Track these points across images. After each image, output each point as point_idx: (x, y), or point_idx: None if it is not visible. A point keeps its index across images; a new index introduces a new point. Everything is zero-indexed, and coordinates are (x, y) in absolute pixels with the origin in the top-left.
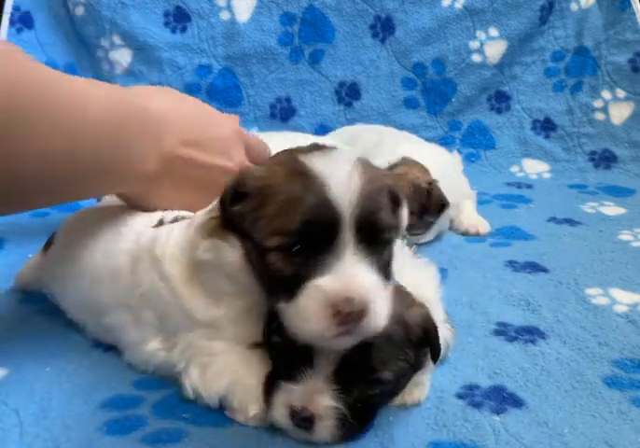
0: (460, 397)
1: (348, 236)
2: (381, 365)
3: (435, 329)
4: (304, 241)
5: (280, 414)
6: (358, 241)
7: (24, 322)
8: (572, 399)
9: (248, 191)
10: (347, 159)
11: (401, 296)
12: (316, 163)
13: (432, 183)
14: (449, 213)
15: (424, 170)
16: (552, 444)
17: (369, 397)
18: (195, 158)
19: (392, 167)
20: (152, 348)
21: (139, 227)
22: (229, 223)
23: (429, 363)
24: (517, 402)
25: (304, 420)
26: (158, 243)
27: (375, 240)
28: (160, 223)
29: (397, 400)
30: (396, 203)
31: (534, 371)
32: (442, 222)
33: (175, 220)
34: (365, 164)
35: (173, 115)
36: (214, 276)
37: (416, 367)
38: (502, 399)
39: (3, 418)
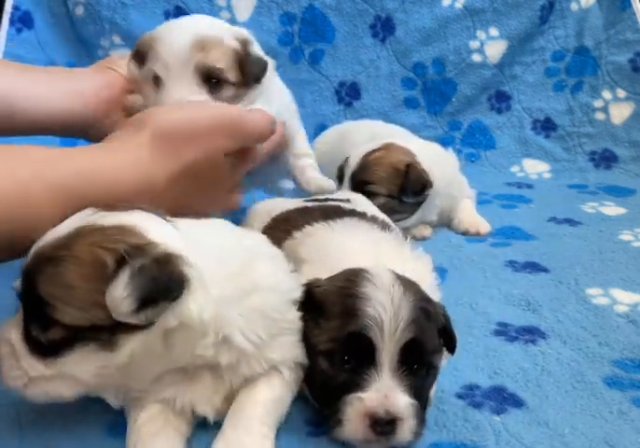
0: (460, 397)
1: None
2: (430, 345)
3: (449, 319)
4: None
5: (356, 428)
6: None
7: None
8: (572, 400)
9: None
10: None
11: (419, 288)
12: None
13: (410, 164)
14: (436, 203)
15: (408, 153)
16: (553, 444)
17: (425, 383)
18: None
19: (372, 152)
20: None
21: None
22: None
23: None
24: (517, 402)
25: (388, 424)
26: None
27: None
28: None
29: None
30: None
31: (534, 372)
32: (429, 210)
33: None
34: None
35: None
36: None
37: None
38: (502, 400)
39: (3, 418)
